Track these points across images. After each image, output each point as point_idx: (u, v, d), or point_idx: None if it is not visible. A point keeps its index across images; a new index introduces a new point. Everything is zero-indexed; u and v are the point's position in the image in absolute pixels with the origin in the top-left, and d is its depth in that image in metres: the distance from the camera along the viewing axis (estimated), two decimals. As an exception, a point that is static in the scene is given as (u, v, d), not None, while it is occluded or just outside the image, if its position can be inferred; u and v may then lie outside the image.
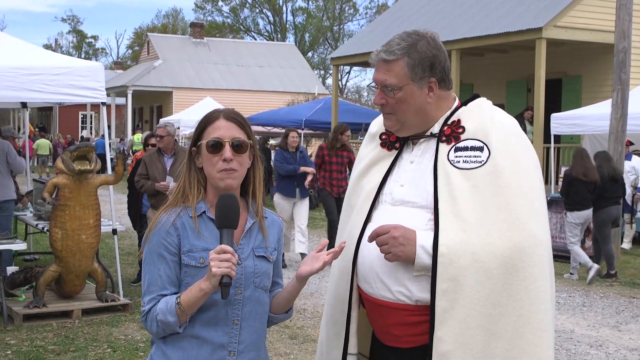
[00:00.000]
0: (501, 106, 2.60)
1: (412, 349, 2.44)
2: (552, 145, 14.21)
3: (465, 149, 2.45)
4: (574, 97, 16.90)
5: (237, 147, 2.35)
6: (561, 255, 10.72)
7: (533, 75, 14.97)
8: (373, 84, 2.54)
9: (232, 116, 2.40)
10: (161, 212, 2.37)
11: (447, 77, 2.52)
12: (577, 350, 6.70)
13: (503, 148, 2.42)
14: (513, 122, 2.52)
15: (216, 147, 2.33)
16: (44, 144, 28.35)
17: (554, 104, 16.35)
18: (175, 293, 2.32)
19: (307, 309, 7.97)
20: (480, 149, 2.43)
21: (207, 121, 2.39)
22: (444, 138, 2.50)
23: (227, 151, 2.33)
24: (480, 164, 2.41)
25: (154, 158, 8.08)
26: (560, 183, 14.21)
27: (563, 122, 13.97)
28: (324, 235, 13.81)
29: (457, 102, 2.58)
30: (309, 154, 19.87)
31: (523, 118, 15.24)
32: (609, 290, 9.27)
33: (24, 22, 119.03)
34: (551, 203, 11.31)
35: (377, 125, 2.71)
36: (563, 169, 14.29)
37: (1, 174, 8.65)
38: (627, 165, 12.04)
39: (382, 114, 2.61)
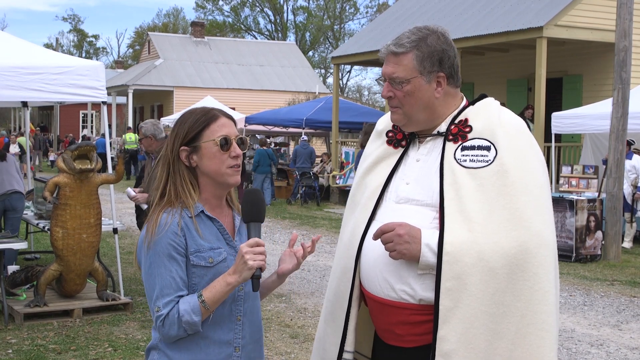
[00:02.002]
0: (502, 105, 2.60)
1: (414, 349, 2.44)
2: (553, 144, 14.21)
3: (472, 148, 2.45)
4: (574, 96, 16.91)
5: (242, 144, 2.40)
6: (562, 255, 10.73)
7: (534, 74, 14.97)
8: (382, 78, 2.54)
9: (229, 115, 2.45)
10: (160, 214, 2.32)
11: (456, 73, 2.52)
12: (577, 349, 6.70)
13: (510, 148, 2.42)
14: (520, 122, 2.52)
15: (227, 144, 2.35)
16: (20, 142, 28.15)
17: (554, 103, 16.36)
18: (187, 294, 2.32)
19: (308, 308, 7.97)
20: (487, 149, 2.43)
21: (209, 119, 2.38)
22: (450, 137, 2.49)
23: (237, 148, 2.38)
24: (487, 164, 2.41)
25: (147, 162, 8.08)
26: (560, 182, 14.24)
27: (564, 121, 13.97)
28: (325, 234, 13.81)
29: (464, 102, 2.58)
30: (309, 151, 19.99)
31: (524, 117, 15.24)
32: (610, 289, 9.26)
33: (25, 21, 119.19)
34: (552, 202, 11.32)
35: (384, 122, 2.71)
36: (564, 168, 14.32)
37: (10, 173, 8.76)
38: (627, 164, 12.03)
39: (389, 111, 2.61)
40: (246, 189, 2.39)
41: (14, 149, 26.65)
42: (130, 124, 35.73)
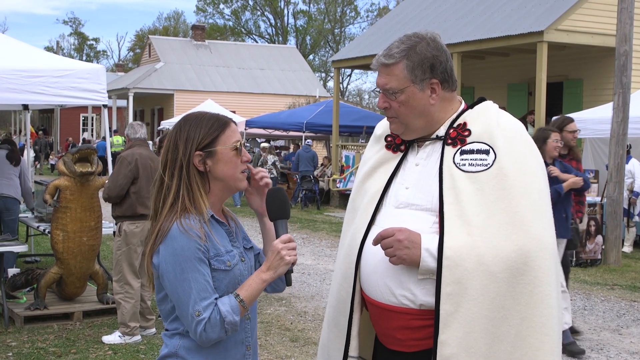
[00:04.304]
0: (502, 109, 2.60)
1: (415, 353, 2.44)
2: (553, 148, 14.18)
3: (471, 152, 2.45)
4: (575, 101, 16.91)
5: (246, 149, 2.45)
6: (562, 259, 10.72)
7: (534, 78, 14.97)
8: (377, 89, 2.55)
9: (234, 120, 2.48)
10: (181, 219, 2.29)
11: (451, 77, 2.51)
12: (578, 353, 6.69)
13: (509, 151, 2.42)
14: (519, 125, 2.52)
15: (240, 149, 2.40)
16: None
17: (555, 107, 16.36)
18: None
19: (308, 312, 7.97)
20: (486, 152, 2.43)
21: (224, 125, 2.40)
22: (449, 141, 2.50)
23: (247, 153, 2.43)
24: (486, 167, 2.41)
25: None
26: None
27: (564, 125, 13.94)
28: (325, 238, 13.80)
29: (463, 105, 2.58)
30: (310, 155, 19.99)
31: (526, 122, 15.25)
32: (610, 293, 9.26)
33: (26, 25, 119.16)
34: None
35: (383, 127, 2.71)
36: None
37: (9, 177, 8.78)
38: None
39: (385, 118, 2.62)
40: (270, 188, 2.48)
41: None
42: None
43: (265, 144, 22.12)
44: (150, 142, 8.79)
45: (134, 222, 6.67)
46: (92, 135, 43.34)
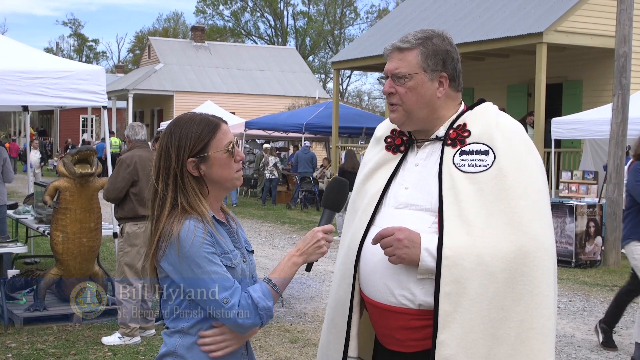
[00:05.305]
0: (502, 111, 2.61)
1: (415, 354, 2.44)
2: (553, 149, 14.21)
3: (471, 152, 2.46)
4: (574, 102, 16.92)
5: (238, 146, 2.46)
6: (562, 260, 10.72)
7: (534, 79, 14.99)
8: (384, 77, 2.57)
9: (224, 120, 2.47)
10: (183, 221, 2.29)
11: (458, 77, 2.55)
12: (577, 354, 6.70)
13: (508, 152, 2.43)
14: (518, 127, 2.53)
15: (232, 150, 2.39)
16: None
17: (554, 109, 16.36)
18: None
19: (308, 313, 7.97)
20: (486, 153, 2.44)
21: (214, 129, 2.38)
22: (449, 141, 2.51)
23: (240, 152, 2.43)
24: (485, 168, 2.42)
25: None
26: (560, 187, 14.25)
27: (564, 126, 13.97)
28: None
29: (463, 106, 2.60)
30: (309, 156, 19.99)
31: (525, 123, 15.26)
32: (610, 295, 9.25)
33: (26, 25, 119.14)
34: (552, 207, 11.32)
35: (383, 128, 2.73)
36: (564, 174, 14.32)
37: None
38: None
39: (387, 117, 2.62)
40: (336, 177, 2.52)
41: (35, 154, 25.46)
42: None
43: (267, 145, 22.12)
44: (150, 143, 8.76)
45: (136, 223, 6.70)
46: (91, 136, 43.32)
